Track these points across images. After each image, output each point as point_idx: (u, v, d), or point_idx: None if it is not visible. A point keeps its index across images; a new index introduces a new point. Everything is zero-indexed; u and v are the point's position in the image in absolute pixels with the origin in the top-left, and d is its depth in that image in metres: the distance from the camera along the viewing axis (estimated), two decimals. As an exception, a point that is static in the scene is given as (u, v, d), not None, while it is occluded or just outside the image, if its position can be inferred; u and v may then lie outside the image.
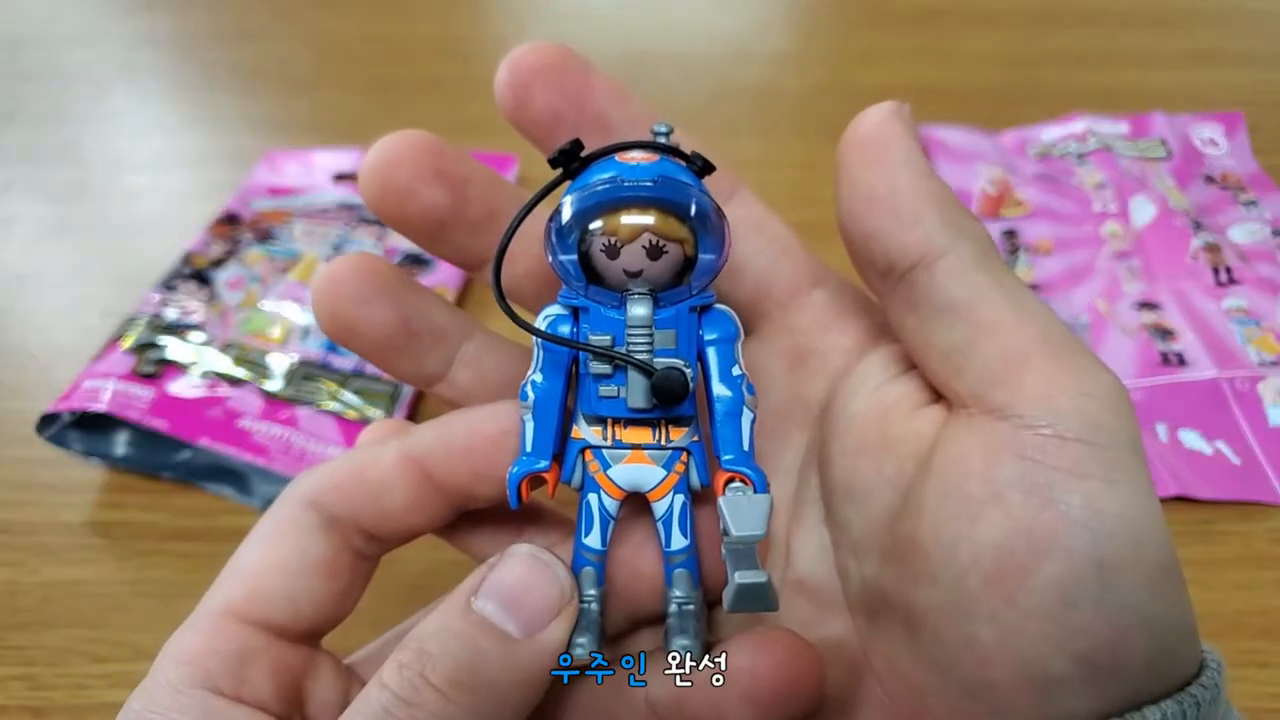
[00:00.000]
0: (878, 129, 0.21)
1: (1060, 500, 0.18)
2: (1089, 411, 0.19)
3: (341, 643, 0.25)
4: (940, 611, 0.20)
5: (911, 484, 0.21)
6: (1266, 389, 0.44)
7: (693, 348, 0.22)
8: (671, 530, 0.23)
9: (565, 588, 0.21)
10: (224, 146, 0.64)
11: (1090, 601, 0.18)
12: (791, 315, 0.26)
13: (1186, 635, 0.19)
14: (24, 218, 0.58)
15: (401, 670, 0.19)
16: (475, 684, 0.19)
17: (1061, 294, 0.50)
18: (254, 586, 0.22)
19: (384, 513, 0.23)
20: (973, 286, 0.20)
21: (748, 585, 0.20)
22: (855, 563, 0.23)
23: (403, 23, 0.78)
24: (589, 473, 0.23)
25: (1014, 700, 0.19)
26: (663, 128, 0.23)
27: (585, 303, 0.22)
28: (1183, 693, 0.19)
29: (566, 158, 0.21)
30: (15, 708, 0.34)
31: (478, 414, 0.24)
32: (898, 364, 0.23)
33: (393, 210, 0.24)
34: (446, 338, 0.25)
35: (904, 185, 0.21)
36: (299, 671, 0.23)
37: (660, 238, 0.20)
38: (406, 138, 0.23)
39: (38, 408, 0.42)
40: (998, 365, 0.20)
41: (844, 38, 0.77)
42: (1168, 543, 0.19)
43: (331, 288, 0.24)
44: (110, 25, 0.78)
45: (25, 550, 0.40)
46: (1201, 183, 0.56)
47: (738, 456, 0.22)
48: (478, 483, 0.23)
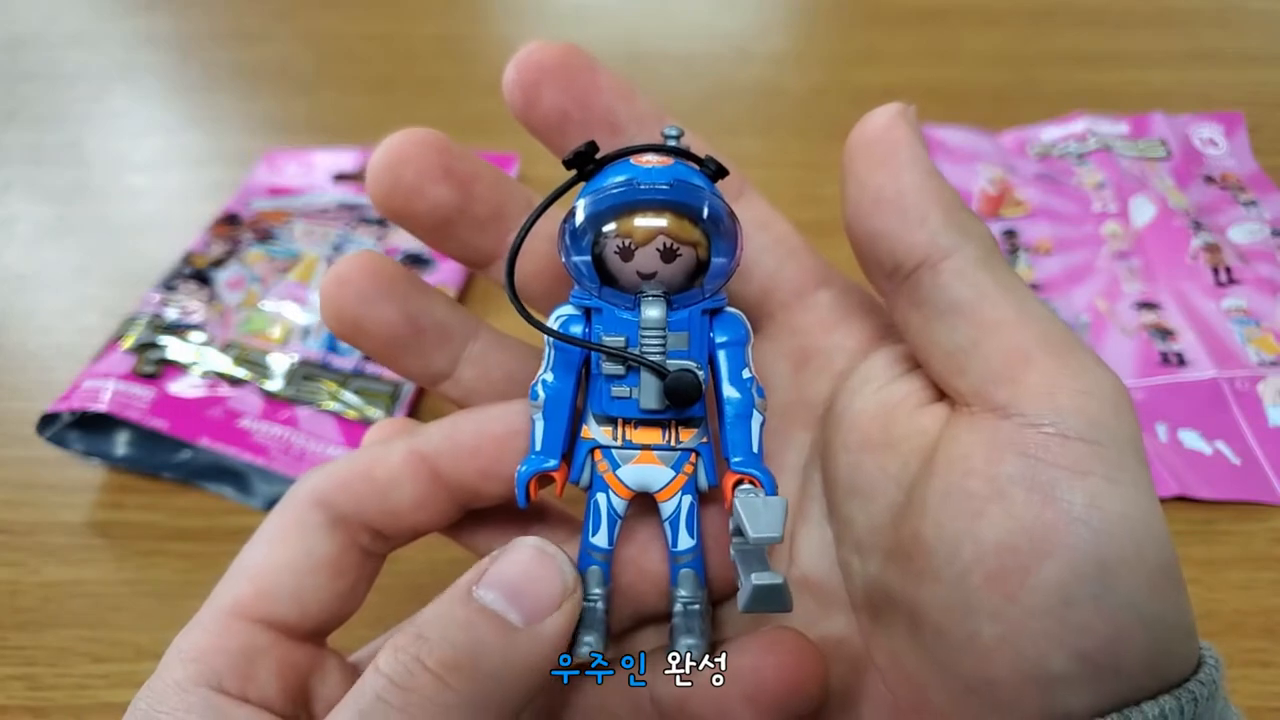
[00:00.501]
0: (884, 130, 0.22)
1: (1062, 498, 0.18)
2: (1090, 410, 0.19)
3: (344, 641, 0.25)
4: (942, 608, 0.20)
5: (914, 481, 0.21)
6: (1266, 389, 0.44)
7: (704, 350, 0.22)
8: (679, 530, 0.23)
9: (568, 580, 0.21)
10: (224, 146, 0.64)
11: (1091, 600, 0.18)
12: (796, 315, 0.26)
13: (1185, 633, 0.19)
14: (24, 218, 0.58)
15: (397, 654, 0.19)
16: (473, 671, 0.19)
17: (1061, 294, 0.50)
18: (261, 585, 0.22)
19: (392, 511, 0.23)
20: (977, 286, 0.20)
21: (764, 586, 0.20)
22: (858, 559, 0.23)
23: (403, 23, 0.78)
24: (598, 472, 0.23)
25: (1015, 697, 0.19)
26: (673, 131, 0.23)
27: (598, 303, 0.22)
28: (1181, 689, 0.19)
29: (581, 159, 0.22)
30: (15, 708, 0.34)
31: (486, 413, 0.24)
32: (902, 363, 0.24)
33: (400, 208, 0.24)
34: (452, 336, 0.25)
35: (910, 186, 0.21)
36: (305, 670, 0.23)
37: (674, 240, 0.21)
38: (413, 136, 0.23)
39: (38, 408, 0.42)
40: (1000, 364, 0.20)
41: (844, 38, 0.77)
42: (1167, 542, 0.19)
43: (339, 287, 0.24)
44: (110, 25, 0.78)
45: (25, 550, 0.39)
46: (1201, 183, 0.56)
47: (747, 459, 0.22)
48: (485, 481, 0.23)
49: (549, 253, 0.22)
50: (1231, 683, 0.20)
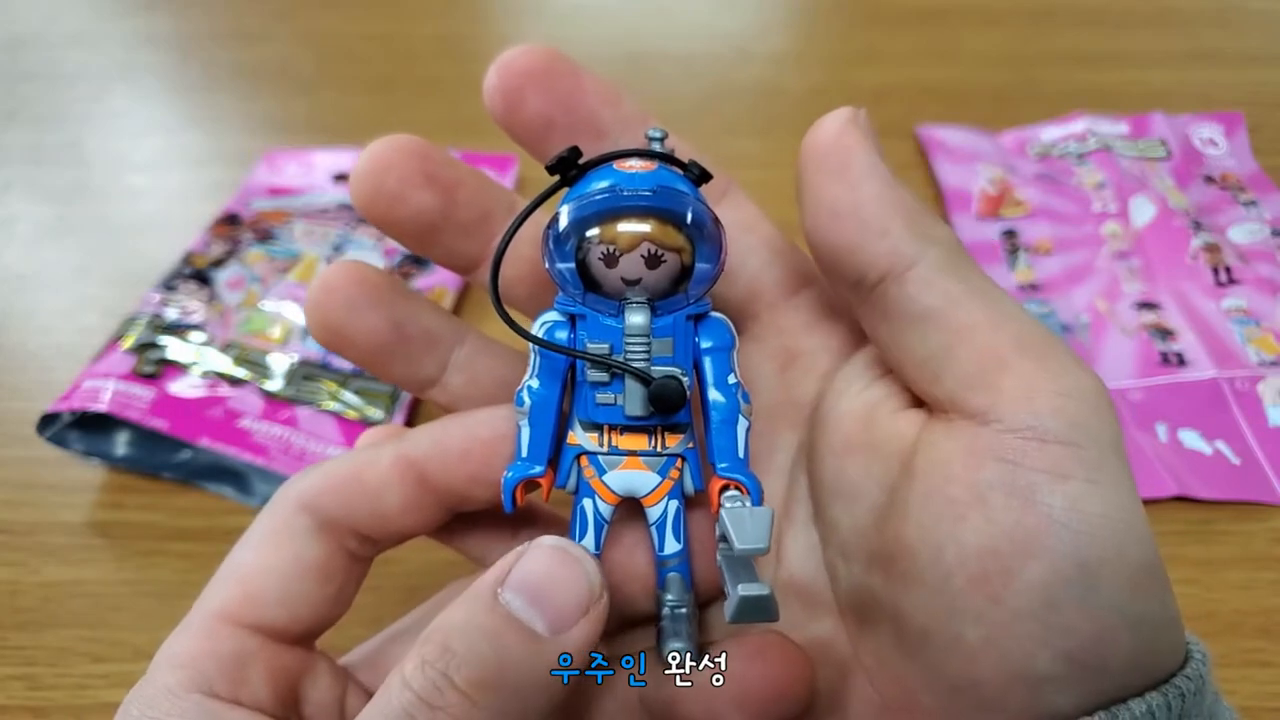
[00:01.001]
0: (835, 139, 0.21)
1: (1042, 502, 0.18)
2: (1068, 412, 0.19)
3: (338, 641, 0.25)
4: (927, 611, 0.20)
5: (896, 485, 0.21)
6: (1266, 389, 0.44)
7: (689, 356, 0.22)
8: (665, 535, 0.23)
9: (594, 585, 0.20)
10: (224, 146, 0.64)
11: (1074, 601, 0.18)
12: (782, 316, 0.26)
13: (1170, 629, 0.19)
14: (24, 218, 0.58)
15: (425, 669, 0.18)
16: (500, 685, 0.18)
17: (1061, 294, 0.50)
18: (249, 590, 0.22)
19: (379, 515, 0.23)
20: (944, 293, 0.20)
21: (751, 598, 0.20)
22: (843, 562, 0.23)
23: (403, 23, 0.78)
24: (584, 478, 0.23)
25: (1001, 697, 0.19)
26: (656, 133, 0.23)
27: (582, 310, 0.22)
28: (1168, 685, 0.19)
29: (564, 165, 0.21)
30: (15, 708, 0.34)
31: (474, 418, 0.24)
32: (883, 364, 0.23)
33: (383, 215, 0.24)
34: (439, 342, 0.25)
35: (868, 197, 0.21)
36: (295, 673, 0.23)
37: (658, 246, 0.20)
38: (395, 143, 0.23)
39: (38, 408, 0.42)
40: (974, 370, 0.20)
41: (844, 38, 0.77)
42: (1149, 540, 0.19)
43: (323, 296, 0.24)
44: (110, 25, 0.78)
45: (25, 550, 0.40)
46: (1201, 183, 0.56)
47: (733, 464, 0.22)
48: (473, 486, 0.23)
49: (534, 257, 0.22)
50: (1231, 683, 0.20)
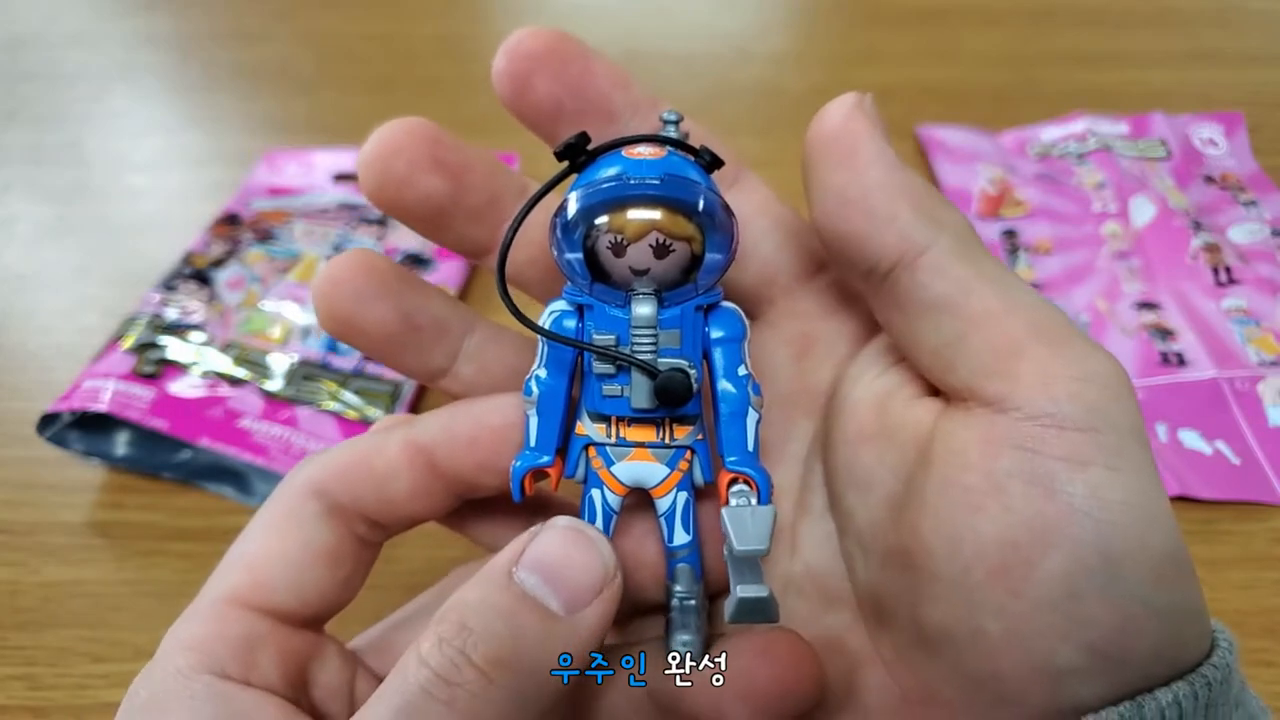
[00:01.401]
0: (842, 125, 0.21)
1: (1062, 490, 0.18)
2: (1087, 397, 0.18)
3: (338, 636, 0.25)
4: (946, 606, 0.20)
5: (912, 474, 0.21)
6: (1266, 389, 0.44)
7: (698, 347, 0.22)
8: (674, 526, 0.23)
9: (609, 565, 0.20)
10: (224, 146, 0.64)
11: (1096, 591, 0.18)
12: (797, 301, 0.25)
13: (1195, 618, 0.19)
14: (24, 218, 0.58)
15: (442, 646, 0.18)
16: (517, 664, 0.18)
17: (1061, 294, 0.50)
18: (258, 575, 0.22)
19: (388, 500, 0.23)
20: (956, 280, 0.20)
21: (749, 600, 0.20)
22: (860, 552, 0.23)
23: (403, 23, 0.78)
24: (592, 468, 0.22)
25: (1023, 690, 0.19)
26: (671, 115, 0.22)
27: (590, 300, 0.21)
28: (1194, 674, 0.18)
29: (572, 151, 0.21)
30: (15, 708, 0.34)
31: (483, 405, 0.24)
32: (897, 352, 0.23)
33: (391, 200, 0.23)
34: (449, 332, 0.25)
35: (875, 184, 0.20)
36: (304, 656, 0.23)
37: (667, 236, 0.20)
38: (404, 126, 0.23)
39: (38, 408, 0.41)
40: (990, 357, 0.19)
41: (844, 38, 0.77)
42: (1173, 528, 0.18)
43: (331, 287, 0.23)
44: (110, 25, 0.78)
45: (25, 550, 0.39)
46: (1201, 183, 0.56)
47: (741, 458, 0.22)
48: (482, 473, 0.23)
49: (544, 241, 0.22)
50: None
